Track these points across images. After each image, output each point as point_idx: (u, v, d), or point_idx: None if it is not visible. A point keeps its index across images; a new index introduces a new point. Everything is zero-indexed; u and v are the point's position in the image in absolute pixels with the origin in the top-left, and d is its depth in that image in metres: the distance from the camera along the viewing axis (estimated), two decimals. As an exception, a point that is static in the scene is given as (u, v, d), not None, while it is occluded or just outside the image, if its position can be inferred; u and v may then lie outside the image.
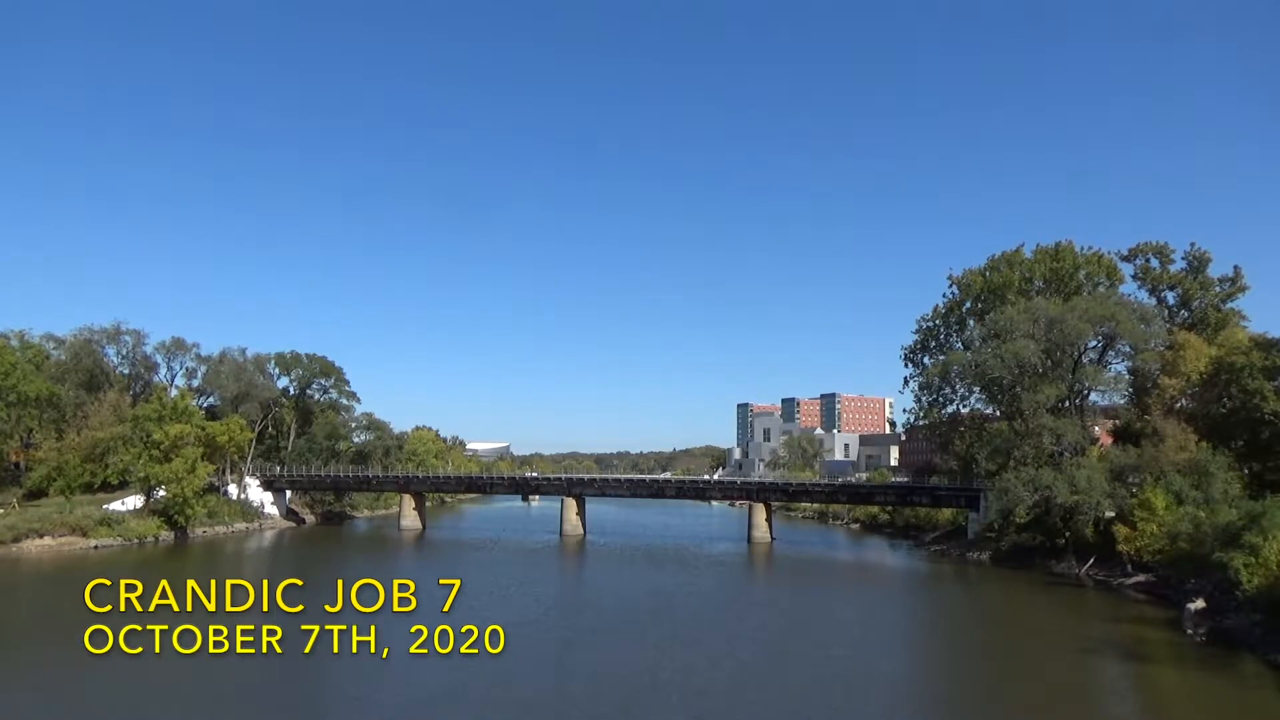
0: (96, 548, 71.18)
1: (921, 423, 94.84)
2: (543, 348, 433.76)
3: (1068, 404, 74.54)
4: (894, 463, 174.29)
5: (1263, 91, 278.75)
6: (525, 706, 27.41)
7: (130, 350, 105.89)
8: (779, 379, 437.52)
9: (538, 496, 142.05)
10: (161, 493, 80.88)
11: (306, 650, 37.00)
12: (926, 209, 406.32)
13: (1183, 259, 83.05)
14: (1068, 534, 66.11)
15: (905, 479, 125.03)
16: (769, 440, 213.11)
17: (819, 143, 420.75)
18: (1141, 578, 56.61)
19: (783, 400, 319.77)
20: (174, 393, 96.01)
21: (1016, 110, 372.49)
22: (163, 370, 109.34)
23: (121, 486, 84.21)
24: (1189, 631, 41.24)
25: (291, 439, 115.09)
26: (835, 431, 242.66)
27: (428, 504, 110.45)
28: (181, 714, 26.78)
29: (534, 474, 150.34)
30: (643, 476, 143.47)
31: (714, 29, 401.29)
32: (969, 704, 30.75)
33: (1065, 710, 29.25)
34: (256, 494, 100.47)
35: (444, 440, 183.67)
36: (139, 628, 41.95)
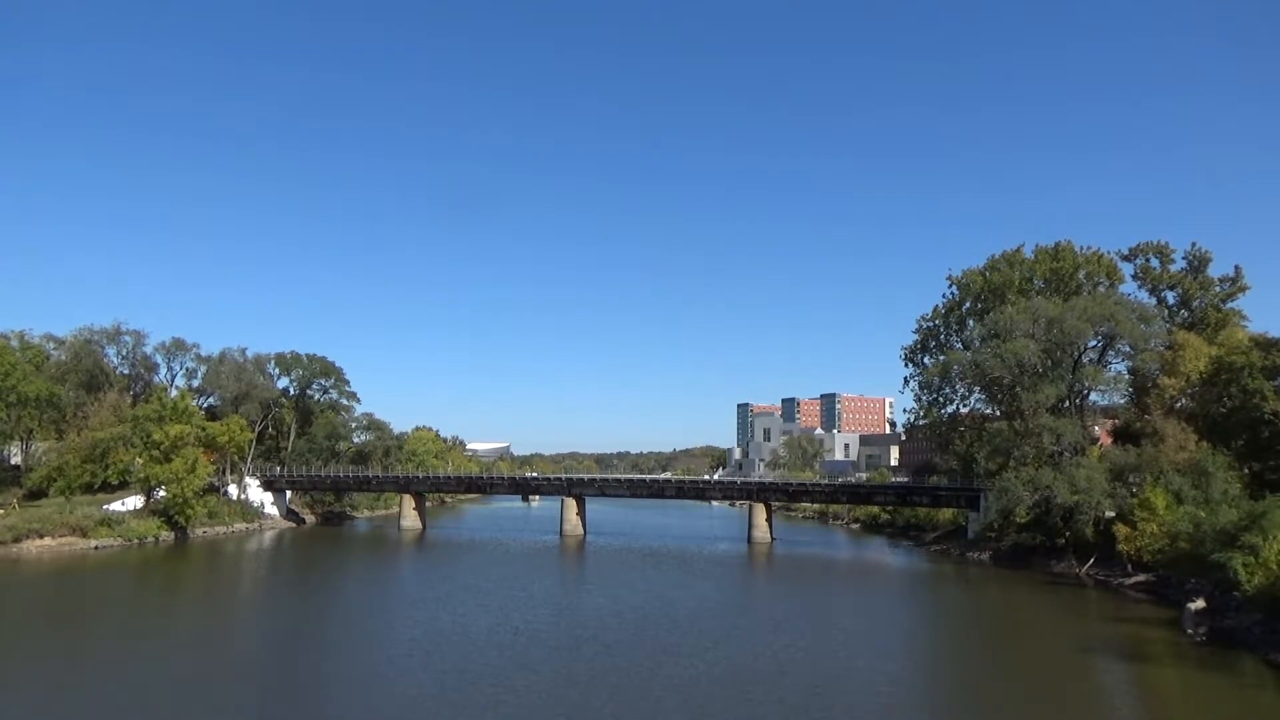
0: (96, 548, 71.13)
1: (921, 423, 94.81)
2: (543, 347, 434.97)
3: (1068, 404, 74.51)
4: (894, 463, 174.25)
5: (1263, 91, 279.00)
6: (521, 713, 27.32)
7: (130, 350, 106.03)
8: (779, 379, 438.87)
9: (538, 496, 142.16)
10: (161, 493, 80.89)
11: (304, 649, 37.17)
12: (926, 209, 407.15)
13: (1183, 259, 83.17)
14: (1068, 534, 66.09)
15: (905, 479, 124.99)
16: (769, 440, 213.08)
17: (819, 142, 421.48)
18: (1141, 578, 56.61)
19: (783, 400, 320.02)
20: (174, 393, 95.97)
21: (1016, 110, 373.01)
22: (163, 370, 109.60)
23: (122, 487, 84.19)
24: (1189, 631, 41.21)
25: (291, 439, 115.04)
26: (835, 431, 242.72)
27: (428, 504, 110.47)
28: (182, 713, 26.65)
29: (534, 474, 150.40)
30: (643, 476, 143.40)
31: (714, 29, 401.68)
32: (969, 705, 30.74)
33: (1065, 710, 29.20)
34: (256, 494, 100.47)
35: (444, 440, 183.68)
36: (138, 627, 42.25)
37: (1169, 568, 52.92)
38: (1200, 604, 43.56)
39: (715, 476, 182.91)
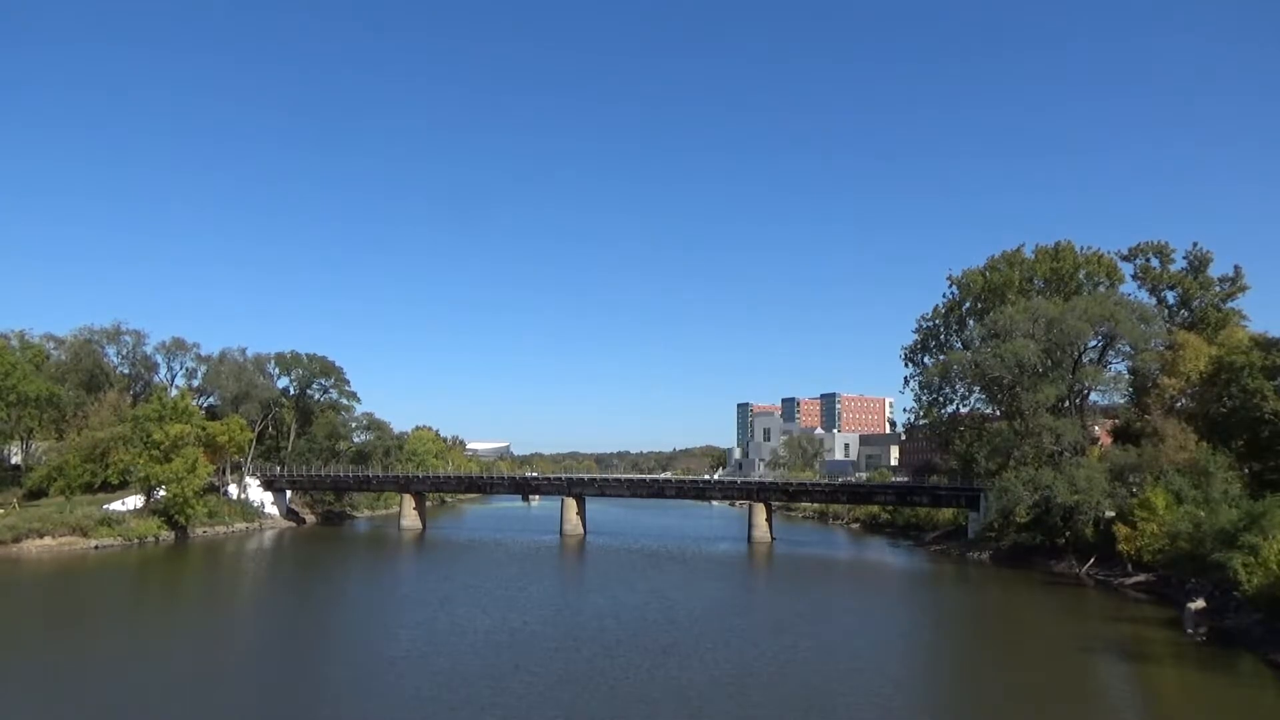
0: (97, 548, 71.10)
1: (921, 423, 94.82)
2: (543, 347, 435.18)
3: (1068, 404, 74.52)
4: (894, 463, 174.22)
5: (1262, 91, 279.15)
6: (519, 714, 27.28)
7: (130, 350, 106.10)
8: (779, 379, 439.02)
9: (538, 496, 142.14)
10: (162, 493, 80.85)
11: (304, 650, 37.18)
12: (926, 209, 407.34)
13: (1183, 259, 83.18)
14: (1068, 534, 66.13)
15: (905, 479, 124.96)
16: (769, 440, 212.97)
17: (819, 142, 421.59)
18: (1141, 577, 56.59)
19: (783, 400, 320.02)
20: (174, 393, 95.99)
21: (1016, 110, 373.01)
22: (163, 370, 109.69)
23: (122, 486, 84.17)
24: (1189, 631, 41.23)
25: (291, 439, 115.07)
26: (835, 431, 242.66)
27: (428, 504, 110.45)
28: (181, 714, 26.64)
29: (534, 474, 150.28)
30: (643, 476, 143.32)
31: (714, 28, 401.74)
32: (969, 705, 30.73)
33: (1065, 710, 29.19)
34: (257, 494, 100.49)
35: (444, 440, 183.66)
36: (138, 627, 42.25)
37: (1169, 568, 52.91)
38: (1200, 604, 43.57)
39: (715, 476, 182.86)
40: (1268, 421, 60.69)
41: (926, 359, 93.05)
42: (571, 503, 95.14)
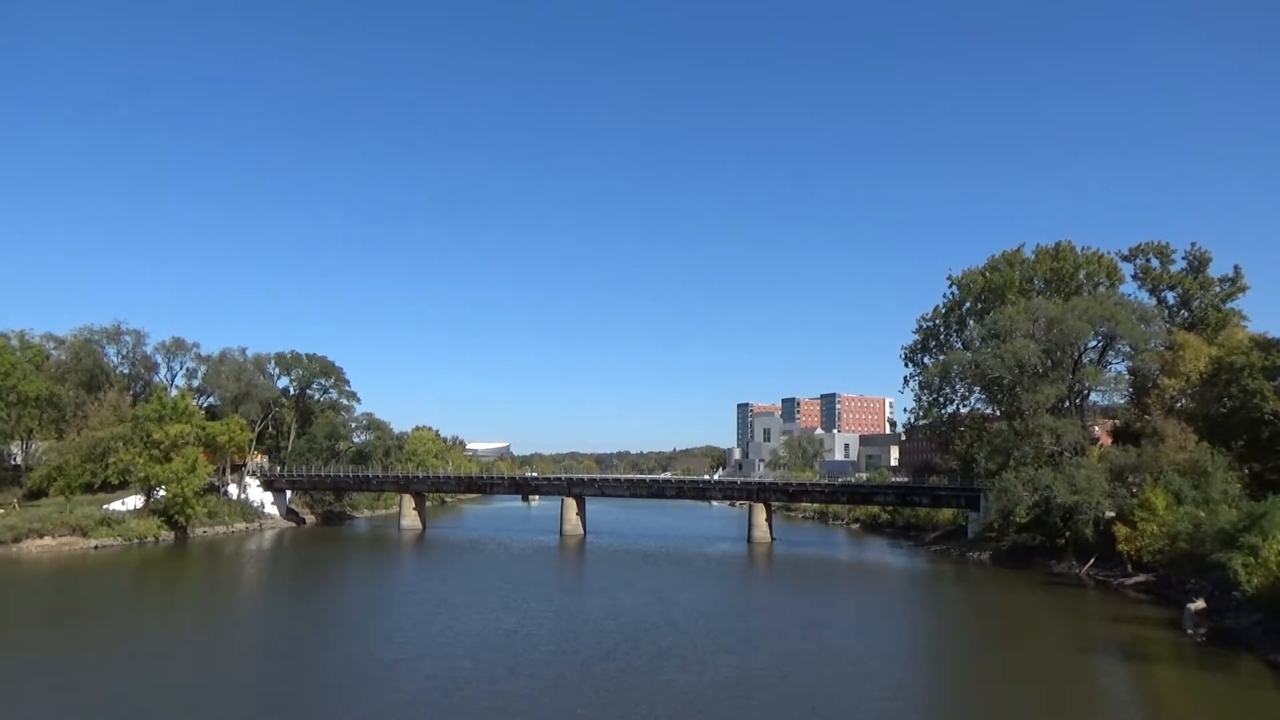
0: (97, 548, 71.13)
1: (921, 423, 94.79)
2: (543, 347, 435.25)
3: (1068, 404, 74.49)
4: (894, 463, 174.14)
5: (1263, 91, 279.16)
6: (517, 717, 27.27)
7: (130, 350, 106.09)
8: (779, 379, 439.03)
9: (538, 496, 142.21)
10: (162, 492, 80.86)
11: (303, 652, 37.16)
12: (926, 209, 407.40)
13: (1183, 259, 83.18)
14: (1068, 534, 66.10)
15: (905, 479, 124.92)
16: (769, 440, 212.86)
17: (819, 142, 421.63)
18: (1141, 578, 56.56)
19: (783, 400, 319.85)
20: (174, 393, 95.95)
21: (1016, 110, 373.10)
22: (163, 370, 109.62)
23: (122, 486, 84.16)
24: (1189, 631, 41.21)
25: (291, 439, 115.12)
26: (835, 431, 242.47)
27: (428, 504, 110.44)
28: (178, 715, 26.62)
29: (534, 474, 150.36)
30: (643, 476, 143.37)
31: (714, 28, 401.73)
32: (969, 705, 30.72)
33: (1066, 710, 29.19)
34: (257, 494, 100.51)
35: (444, 440, 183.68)
36: (137, 627, 42.24)
37: (1169, 568, 52.87)
38: (1200, 604, 43.54)
39: (715, 476, 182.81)
40: (1268, 422, 60.69)
41: (926, 359, 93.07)
42: (571, 503, 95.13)
